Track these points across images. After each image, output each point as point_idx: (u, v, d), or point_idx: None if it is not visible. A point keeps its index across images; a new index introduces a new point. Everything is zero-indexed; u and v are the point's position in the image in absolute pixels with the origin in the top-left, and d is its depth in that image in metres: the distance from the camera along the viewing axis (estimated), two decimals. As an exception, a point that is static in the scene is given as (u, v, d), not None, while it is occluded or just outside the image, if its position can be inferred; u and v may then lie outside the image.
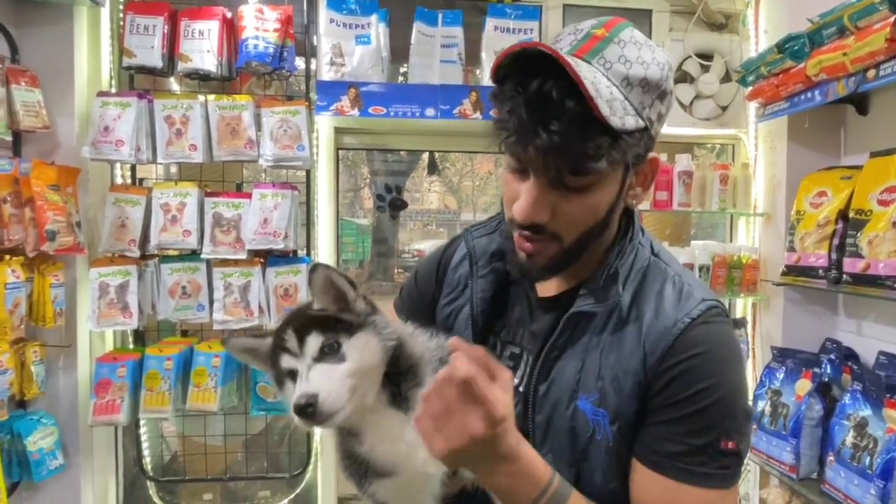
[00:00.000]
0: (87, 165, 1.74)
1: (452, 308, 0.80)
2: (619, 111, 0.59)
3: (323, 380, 0.57)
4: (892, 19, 1.30)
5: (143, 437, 1.91)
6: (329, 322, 0.60)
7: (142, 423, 1.89)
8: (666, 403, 0.63)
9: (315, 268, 0.63)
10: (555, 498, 0.61)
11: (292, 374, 0.59)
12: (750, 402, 0.68)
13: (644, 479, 0.65)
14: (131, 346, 1.87)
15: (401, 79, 2.14)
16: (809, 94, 1.63)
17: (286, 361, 0.60)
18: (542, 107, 0.57)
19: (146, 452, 1.93)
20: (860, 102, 1.71)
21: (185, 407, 1.75)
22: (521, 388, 0.72)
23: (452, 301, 0.81)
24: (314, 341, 0.59)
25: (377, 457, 0.62)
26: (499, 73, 0.62)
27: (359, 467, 0.64)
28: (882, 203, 1.43)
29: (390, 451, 0.62)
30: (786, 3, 1.89)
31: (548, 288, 0.74)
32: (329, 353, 0.59)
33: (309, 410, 0.55)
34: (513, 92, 0.59)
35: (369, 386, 0.61)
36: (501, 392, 0.58)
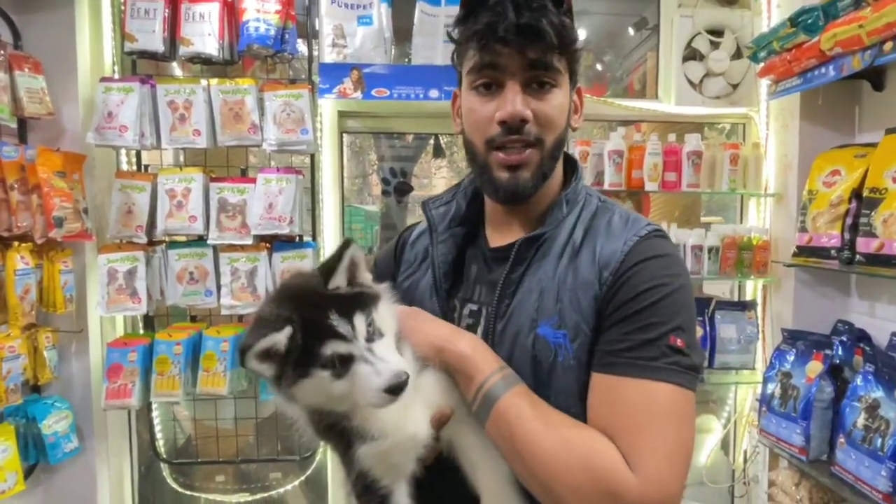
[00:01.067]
0: (93, 152, 1.75)
1: (411, 281, 0.84)
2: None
3: (395, 356, 0.59)
4: (911, -12, 1.26)
5: (156, 421, 1.94)
6: (360, 299, 0.60)
7: (154, 406, 1.92)
8: (616, 307, 0.66)
9: (349, 243, 0.64)
10: (509, 375, 0.66)
11: (343, 360, 0.57)
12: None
13: (596, 385, 0.66)
14: (141, 332, 1.89)
15: (406, 60, 2.11)
16: (823, 70, 1.59)
17: (337, 347, 0.57)
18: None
19: (159, 436, 1.96)
20: (876, 77, 1.66)
21: (195, 391, 1.78)
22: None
23: (411, 275, 0.84)
24: (361, 322, 0.58)
25: (370, 423, 0.62)
26: None
27: (341, 438, 0.64)
28: (898, 181, 1.40)
29: (382, 416, 0.62)
30: (800, -25, 1.83)
31: (504, 239, 0.78)
32: (372, 331, 0.59)
33: (404, 387, 0.57)
34: None
35: None
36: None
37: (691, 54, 2.07)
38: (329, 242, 1.98)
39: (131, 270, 1.72)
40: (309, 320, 0.57)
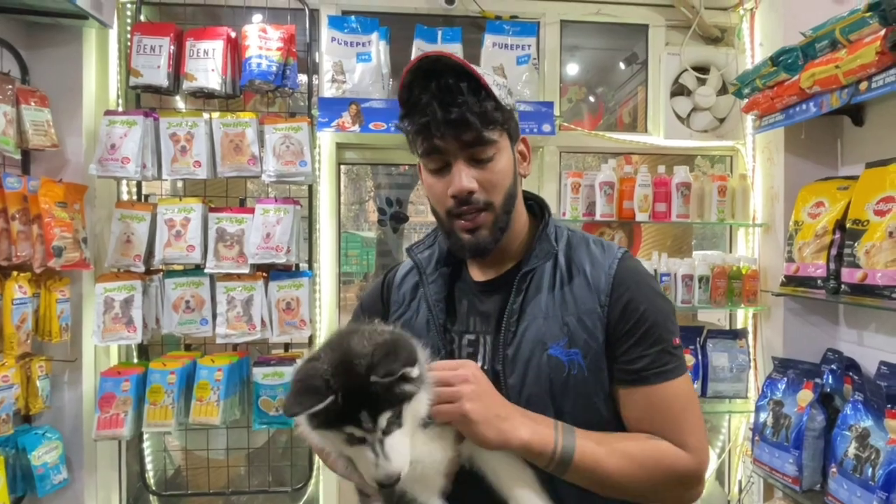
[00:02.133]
0: (94, 182, 1.78)
1: (403, 320, 0.92)
2: (495, 89, 0.79)
3: (398, 455, 0.64)
4: (882, 33, 1.32)
5: (147, 452, 1.92)
6: (395, 397, 0.64)
7: (145, 437, 1.90)
8: (626, 329, 0.80)
9: (402, 344, 0.67)
10: (566, 430, 0.75)
11: (359, 440, 0.64)
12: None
13: (632, 397, 0.80)
14: (135, 361, 1.89)
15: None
16: (804, 106, 1.65)
17: (354, 431, 0.64)
18: (445, 93, 0.76)
19: (149, 467, 1.93)
20: (856, 113, 1.73)
21: (188, 421, 1.76)
22: (485, 367, 0.83)
23: (401, 315, 0.92)
24: (385, 419, 0.64)
25: None
26: (405, 91, 0.79)
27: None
28: (878, 213, 1.44)
29: (413, 444, 0.68)
30: (780, 16, 1.92)
31: (486, 275, 0.89)
32: (393, 422, 0.64)
33: (394, 484, 0.64)
34: (420, 94, 0.77)
35: None
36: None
37: (679, 89, 2.15)
38: (325, 272, 2.00)
39: (128, 299, 1.73)
40: (345, 398, 0.63)
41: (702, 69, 2.13)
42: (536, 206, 0.92)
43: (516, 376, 0.80)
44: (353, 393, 0.62)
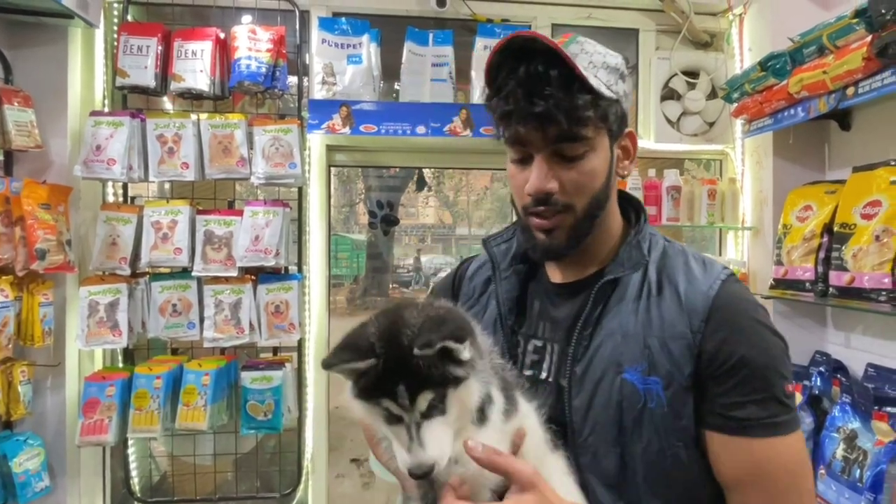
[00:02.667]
0: (79, 184, 1.75)
1: (471, 314, 0.84)
2: (596, 69, 0.70)
3: (436, 444, 0.57)
4: (868, 39, 1.34)
5: (132, 458, 1.88)
6: (440, 377, 0.58)
7: (130, 443, 1.87)
8: (726, 367, 0.66)
9: (463, 326, 0.59)
10: None
11: (397, 418, 0.58)
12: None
13: (730, 448, 0.67)
14: (120, 365, 1.86)
15: (394, 96, 2.17)
16: (792, 111, 1.66)
17: (391, 407, 0.58)
18: (533, 82, 0.67)
19: (134, 473, 1.90)
20: (843, 118, 1.75)
21: (174, 426, 1.74)
22: (549, 379, 0.75)
23: (469, 308, 0.85)
24: (424, 400, 0.57)
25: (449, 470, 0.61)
26: (492, 71, 0.71)
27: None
28: (865, 217, 1.45)
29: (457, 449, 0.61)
30: (768, 22, 1.94)
31: (565, 277, 0.80)
32: (435, 406, 0.58)
33: (426, 476, 0.57)
34: (507, 79, 0.68)
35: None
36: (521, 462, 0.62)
37: (669, 94, 2.16)
38: (315, 275, 1.99)
39: (113, 303, 1.70)
40: (386, 367, 0.57)
41: (691, 73, 2.14)
42: (632, 210, 0.82)
43: (583, 398, 0.70)
44: (395, 362, 0.56)
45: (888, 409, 1.30)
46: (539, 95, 0.66)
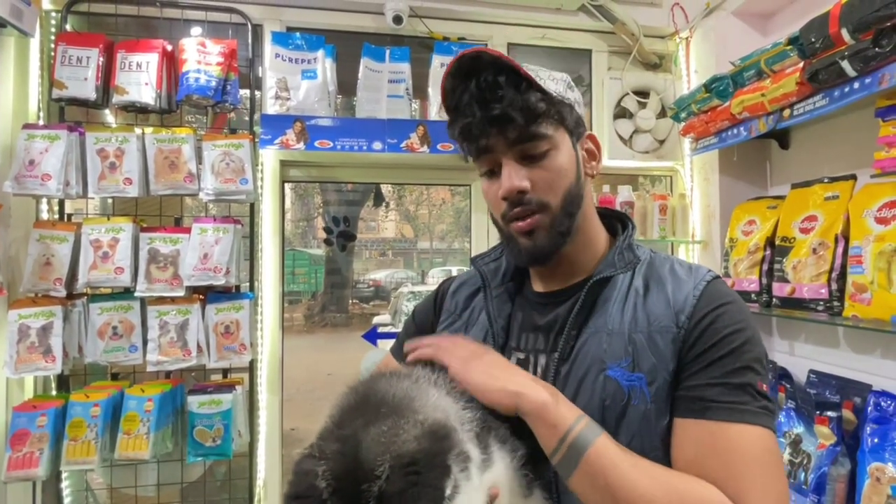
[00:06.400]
0: (9, 201, 1.65)
1: (452, 330, 0.85)
2: (543, 81, 0.72)
3: None
4: (801, 65, 1.41)
5: (66, 492, 1.75)
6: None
7: (64, 476, 1.74)
8: (700, 351, 0.66)
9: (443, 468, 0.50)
10: (591, 422, 0.64)
11: None
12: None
13: (689, 431, 0.64)
14: (54, 393, 1.74)
15: (351, 112, 2.14)
16: (736, 130, 1.74)
17: None
18: (485, 90, 0.69)
19: (69, 509, 1.77)
20: (782, 138, 1.84)
21: (113, 456, 1.63)
22: None
23: (450, 325, 0.85)
24: None
25: None
26: (447, 96, 0.74)
27: None
28: (803, 231, 1.52)
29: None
30: (712, 45, 2.03)
31: (549, 287, 0.80)
32: None
33: None
34: (461, 96, 0.71)
35: None
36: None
37: (621, 112, 2.23)
38: (268, 293, 1.92)
39: (46, 326, 1.60)
40: None
41: (642, 93, 2.22)
42: (618, 224, 0.83)
43: (566, 396, 0.68)
44: None
45: (829, 413, 1.34)
46: (493, 100, 0.69)
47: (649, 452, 0.65)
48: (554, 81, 0.73)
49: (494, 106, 0.69)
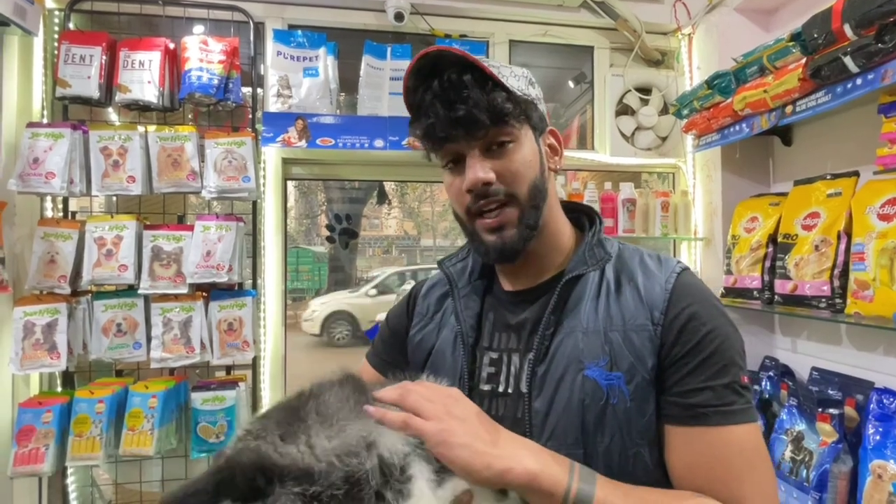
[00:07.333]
0: (14, 199, 1.66)
1: (423, 334, 0.84)
2: (506, 78, 0.71)
3: None
4: (803, 61, 1.41)
5: (71, 488, 1.77)
6: None
7: (70, 471, 1.75)
8: (682, 353, 0.66)
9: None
10: (584, 473, 0.61)
11: None
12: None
13: (683, 439, 0.65)
14: (59, 390, 1.75)
15: (353, 110, 2.14)
16: (738, 127, 1.73)
17: None
18: (449, 90, 0.69)
19: (74, 503, 1.78)
20: (785, 134, 1.83)
21: (118, 452, 1.64)
22: (509, 390, 0.73)
23: (423, 328, 0.85)
24: None
25: None
26: (409, 95, 0.73)
27: None
28: (806, 228, 1.51)
29: None
30: (714, 42, 2.02)
31: (519, 286, 0.80)
32: None
33: None
34: (423, 95, 0.70)
35: None
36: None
37: (623, 109, 2.22)
38: (270, 290, 1.93)
39: (51, 323, 1.61)
40: None
41: (644, 90, 2.21)
42: (585, 219, 0.83)
43: (543, 399, 0.68)
44: None
45: (831, 410, 1.34)
46: (458, 100, 0.68)
47: (630, 449, 0.66)
48: (516, 78, 0.73)
49: (459, 106, 0.68)
